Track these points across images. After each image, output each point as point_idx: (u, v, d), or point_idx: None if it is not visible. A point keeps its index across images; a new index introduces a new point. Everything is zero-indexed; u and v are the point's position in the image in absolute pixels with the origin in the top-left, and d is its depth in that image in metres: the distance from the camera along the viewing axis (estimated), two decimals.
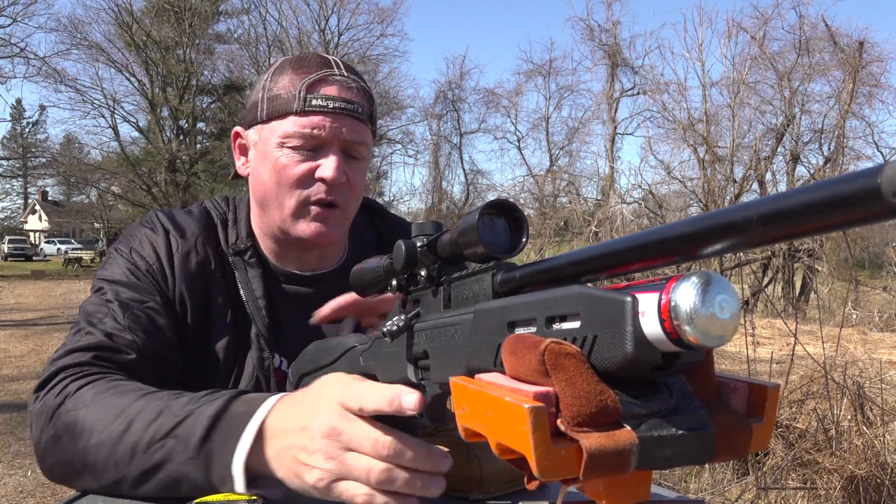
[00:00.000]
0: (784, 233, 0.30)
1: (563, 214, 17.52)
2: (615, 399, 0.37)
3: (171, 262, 1.07)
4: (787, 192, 0.30)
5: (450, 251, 0.56)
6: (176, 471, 0.75)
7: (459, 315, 0.54)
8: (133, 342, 0.96)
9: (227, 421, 0.73)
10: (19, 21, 21.40)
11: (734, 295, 0.34)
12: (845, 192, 0.27)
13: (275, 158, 1.05)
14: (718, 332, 0.33)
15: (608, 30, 19.63)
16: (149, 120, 24.83)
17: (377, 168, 26.46)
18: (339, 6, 23.54)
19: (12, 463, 4.13)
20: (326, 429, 0.65)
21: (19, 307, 13.03)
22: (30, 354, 7.68)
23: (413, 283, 0.64)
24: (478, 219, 0.51)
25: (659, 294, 0.34)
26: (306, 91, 1.04)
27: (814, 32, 15.76)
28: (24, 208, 49.30)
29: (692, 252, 0.35)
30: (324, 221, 1.07)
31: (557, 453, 0.36)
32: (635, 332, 0.35)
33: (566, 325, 0.41)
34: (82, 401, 0.84)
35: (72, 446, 0.82)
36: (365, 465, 0.64)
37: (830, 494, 3.12)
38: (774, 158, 16.22)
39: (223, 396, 0.76)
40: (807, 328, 7.26)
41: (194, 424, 0.74)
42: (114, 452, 0.78)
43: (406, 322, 0.62)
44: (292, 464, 0.68)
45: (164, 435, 0.76)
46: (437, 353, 0.59)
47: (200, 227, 1.13)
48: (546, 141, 22.37)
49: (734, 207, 0.32)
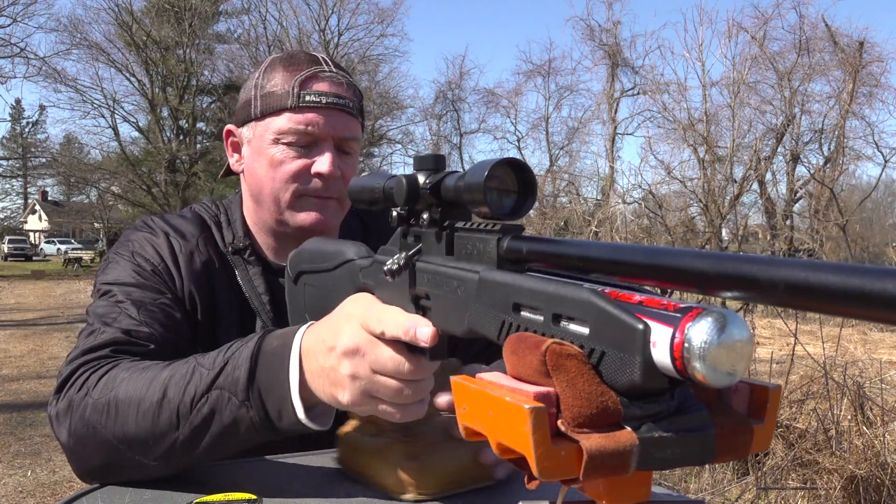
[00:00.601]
0: (806, 306, 0.29)
1: (563, 214, 17.52)
2: (616, 400, 0.37)
3: (177, 262, 1.07)
4: (820, 265, 0.28)
5: (453, 197, 0.55)
6: (229, 418, 0.76)
7: (464, 271, 0.53)
8: (151, 334, 0.96)
9: (266, 357, 0.75)
10: (19, 21, 21.42)
11: (749, 336, 0.33)
12: (878, 290, 0.25)
13: (270, 154, 1.07)
14: (728, 370, 0.33)
15: (608, 30, 19.66)
16: (149, 120, 24.83)
17: (377, 168, 26.44)
18: (339, 6, 23.56)
19: (12, 463, 4.12)
20: (350, 347, 0.67)
21: (19, 307, 13.02)
22: (30, 354, 7.67)
23: (414, 218, 0.63)
24: (485, 179, 0.49)
25: (673, 330, 0.33)
26: (300, 87, 1.06)
27: (814, 32, 15.78)
28: (24, 208, 49.31)
29: (708, 290, 0.34)
30: (321, 210, 1.09)
31: (557, 454, 0.36)
32: (645, 362, 0.35)
33: (573, 326, 0.41)
34: (109, 385, 0.84)
35: (109, 430, 0.82)
36: (393, 386, 0.67)
37: (830, 494, 3.12)
38: (774, 158, 16.23)
39: (253, 338, 0.78)
40: (807, 328, 7.26)
41: (234, 371, 0.76)
42: (157, 422, 0.79)
43: (407, 260, 0.62)
44: (326, 384, 0.71)
45: (206, 390, 0.77)
46: (439, 301, 0.58)
47: (198, 228, 1.13)
48: (546, 141, 22.40)
49: (762, 261, 0.31)
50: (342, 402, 0.70)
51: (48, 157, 29.44)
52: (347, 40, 24.19)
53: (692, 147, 15.92)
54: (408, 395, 0.67)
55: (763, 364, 4.81)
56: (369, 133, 23.40)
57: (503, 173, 0.51)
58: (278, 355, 0.75)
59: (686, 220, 15.18)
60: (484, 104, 24.75)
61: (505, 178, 0.51)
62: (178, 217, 1.16)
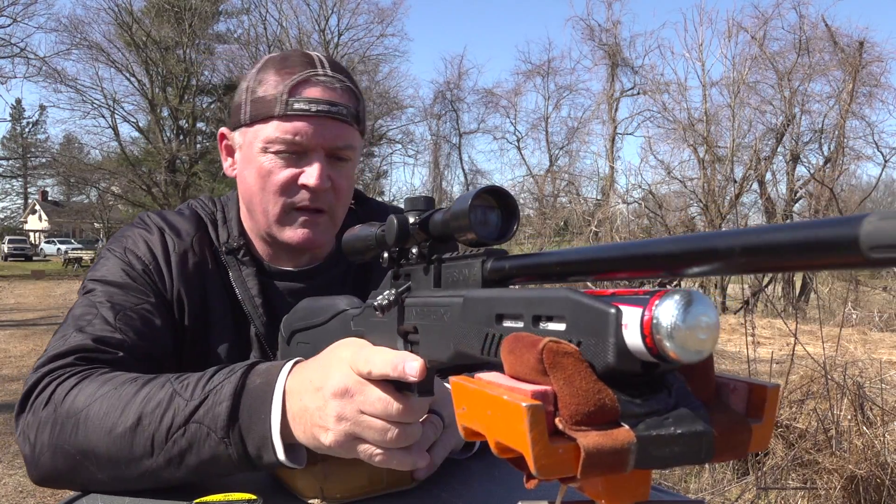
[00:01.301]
0: (763, 266, 0.32)
1: (563, 214, 17.53)
2: (613, 398, 0.37)
3: (169, 262, 1.05)
4: (771, 227, 0.31)
5: (441, 231, 0.58)
6: (208, 454, 0.75)
7: (449, 297, 0.55)
8: (123, 342, 0.94)
9: (249, 395, 0.74)
10: (19, 21, 21.43)
11: (714, 313, 0.35)
12: (826, 237, 0.28)
13: (259, 163, 1.03)
14: (697, 347, 0.34)
15: (608, 29, 19.65)
16: (149, 120, 24.84)
17: (377, 168, 26.48)
18: (339, 6, 23.56)
19: (12, 463, 4.12)
20: (339, 389, 0.67)
21: (19, 307, 13.03)
22: (30, 354, 7.67)
23: (404, 258, 0.65)
24: (470, 206, 0.52)
25: (642, 309, 0.35)
26: (289, 94, 1.01)
27: (814, 32, 15.77)
28: (24, 208, 49.32)
29: (676, 271, 0.36)
30: (311, 227, 1.06)
31: (555, 452, 0.36)
32: (618, 343, 0.36)
33: (552, 325, 0.42)
34: (78, 402, 0.82)
35: (78, 448, 0.80)
36: (378, 427, 0.67)
37: (830, 494, 3.12)
38: (774, 158, 16.23)
39: (237, 372, 0.77)
40: (807, 328, 7.27)
41: (216, 406, 0.74)
42: (131, 449, 0.78)
43: (397, 296, 0.63)
44: (308, 426, 0.70)
45: (184, 422, 0.76)
46: (427, 331, 0.60)
47: (194, 227, 1.11)
48: (546, 141, 22.40)
49: (720, 233, 0.34)
50: (323, 444, 0.69)
51: (48, 157, 29.46)
52: (347, 40, 24.22)
53: (692, 147, 15.93)
54: (392, 436, 0.67)
55: (763, 364, 4.81)
56: (369, 133, 23.42)
57: (486, 201, 0.53)
58: (261, 394, 0.73)
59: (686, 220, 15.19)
60: (483, 104, 24.77)
61: (488, 204, 0.54)
62: (175, 214, 1.14)
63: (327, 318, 0.82)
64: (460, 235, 0.54)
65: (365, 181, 25.07)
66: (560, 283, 0.46)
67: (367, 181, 25.28)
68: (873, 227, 0.26)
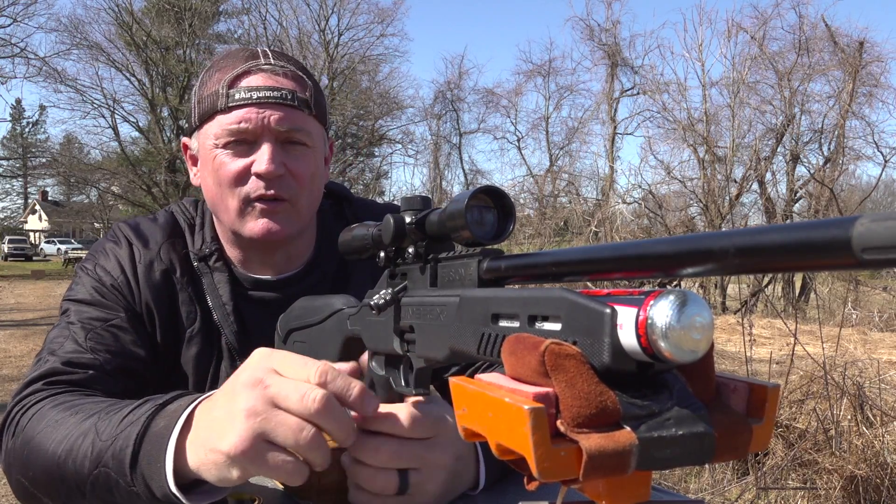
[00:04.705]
0: (758, 267, 0.32)
1: (563, 214, 17.52)
2: (615, 400, 0.37)
3: (136, 275, 1.04)
4: (766, 228, 0.31)
5: (437, 231, 0.58)
6: (125, 495, 0.71)
7: (445, 297, 0.55)
8: (94, 360, 0.94)
9: (150, 440, 0.69)
10: (19, 21, 21.39)
11: (709, 313, 0.35)
12: (819, 239, 0.28)
13: (211, 161, 1.02)
14: (691, 347, 0.35)
15: (608, 29, 19.64)
16: (149, 120, 24.81)
17: (377, 168, 26.46)
18: (339, 6, 23.52)
19: None
20: (251, 380, 0.62)
21: (19, 307, 13.02)
22: (30, 354, 7.67)
23: (400, 257, 0.65)
24: (466, 206, 0.52)
25: (637, 310, 0.35)
26: (228, 87, 1.00)
27: (814, 32, 15.77)
28: (24, 208, 49.32)
29: (670, 271, 0.37)
30: (270, 216, 1.02)
31: (557, 454, 0.36)
32: (613, 343, 0.36)
33: (547, 325, 0.42)
34: (29, 431, 0.83)
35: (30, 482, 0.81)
36: (292, 424, 0.60)
37: (830, 494, 3.13)
38: (774, 158, 16.22)
39: (146, 413, 0.72)
40: (807, 328, 7.26)
41: (120, 452, 0.71)
42: (63, 482, 0.76)
43: (393, 295, 0.63)
44: (203, 445, 0.63)
45: (94, 466, 0.73)
46: (423, 330, 0.60)
47: (165, 234, 1.10)
48: (546, 141, 22.37)
49: (715, 234, 0.34)
50: (223, 451, 0.61)
51: (48, 157, 29.42)
52: (347, 40, 24.16)
53: (692, 147, 15.92)
54: (306, 436, 0.60)
55: (763, 364, 4.81)
56: (369, 133, 23.42)
57: (482, 201, 0.53)
58: (159, 440, 0.68)
59: (686, 221, 15.18)
60: (483, 104, 24.73)
61: (484, 204, 0.54)
62: (148, 221, 1.12)
63: (324, 317, 0.82)
64: (456, 235, 0.54)
65: (365, 181, 25.05)
66: (556, 283, 0.47)
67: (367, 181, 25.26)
68: (865, 228, 0.26)
